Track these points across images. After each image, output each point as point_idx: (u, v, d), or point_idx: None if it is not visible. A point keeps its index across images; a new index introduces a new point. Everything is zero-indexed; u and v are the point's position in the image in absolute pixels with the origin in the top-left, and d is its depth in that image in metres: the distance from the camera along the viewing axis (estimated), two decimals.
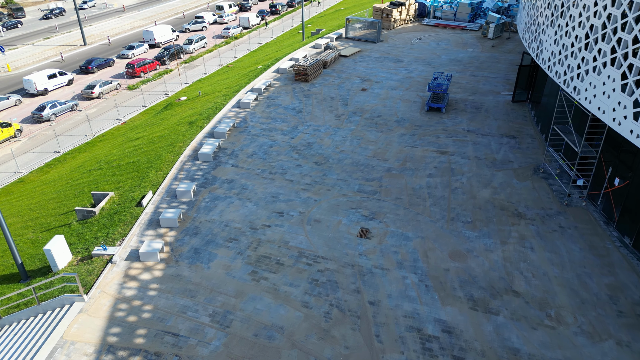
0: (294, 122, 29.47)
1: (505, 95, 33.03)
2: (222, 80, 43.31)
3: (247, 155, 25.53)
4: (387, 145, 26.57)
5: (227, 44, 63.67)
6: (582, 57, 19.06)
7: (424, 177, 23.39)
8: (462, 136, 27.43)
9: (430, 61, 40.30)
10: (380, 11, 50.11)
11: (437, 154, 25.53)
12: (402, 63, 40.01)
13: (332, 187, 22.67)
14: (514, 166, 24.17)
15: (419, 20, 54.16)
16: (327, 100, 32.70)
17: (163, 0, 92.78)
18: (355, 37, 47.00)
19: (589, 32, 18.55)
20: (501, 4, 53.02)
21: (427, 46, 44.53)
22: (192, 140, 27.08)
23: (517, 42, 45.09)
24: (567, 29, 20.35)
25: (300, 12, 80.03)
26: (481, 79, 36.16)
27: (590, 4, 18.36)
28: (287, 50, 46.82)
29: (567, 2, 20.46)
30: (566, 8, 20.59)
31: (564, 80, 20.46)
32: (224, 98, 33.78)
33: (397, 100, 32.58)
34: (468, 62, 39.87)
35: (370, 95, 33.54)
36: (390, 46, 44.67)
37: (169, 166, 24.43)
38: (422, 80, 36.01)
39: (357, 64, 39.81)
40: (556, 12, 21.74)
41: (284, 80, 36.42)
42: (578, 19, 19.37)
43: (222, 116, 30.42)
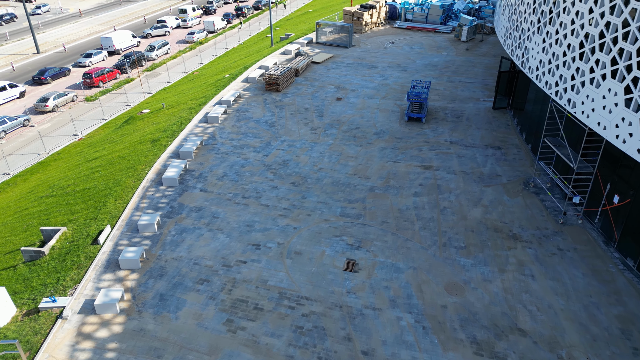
0: (267, 138, 27.43)
1: (485, 102, 31.88)
2: (187, 90, 40.80)
3: (217, 178, 23.36)
4: (368, 161, 24.88)
5: (192, 49, 60.90)
6: (576, 68, 17.80)
7: (409, 197, 21.78)
8: (446, 148, 26.02)
9: (405, 66, 38.92)
10: (350, 14, 48.53)
11: (422, 169, 23.99)
12: (377, 69, 38.48)
13: (312, 212, 20.78)
14: (503, 180, 22.86)
15: (390, 22, 52.87)
16: (302, 112, 30.79)
17: (123, 3, 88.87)
18: (326, 42, 45.24)
19: (583, 41, 17.28)
20: (472, 5, 52.30)
21: (400, 50, 43.18)
22: (155, 162, 24.69)
23: (491, 45, 44.29)
24: (557, 37, 19.09)
25: (267, 15, 77.80)
26: (459, 84, 34.96)
27: (585, 11, 17.09)
28: (255, 56, 44.66)
29: (557, 8, 19.20)
30: (555, 15, 19.33)
31: (556, 91, 19.19)
32: (190, 111, 31.41)
33: (374, 110, 30.97)
34: (444, 67, 38.68)
35: (346, 105, 31.81)
36: (363, 51, 43.11)
37: (130, 193, 22.02)
38: (398, 88, 34.54)
39: (331, 71, 38.05)
40: (543, 18, 20.49)
41: (254, 91, 34.30)
42: (570, 26, 18.11)
43: (188, 132, 28.08)
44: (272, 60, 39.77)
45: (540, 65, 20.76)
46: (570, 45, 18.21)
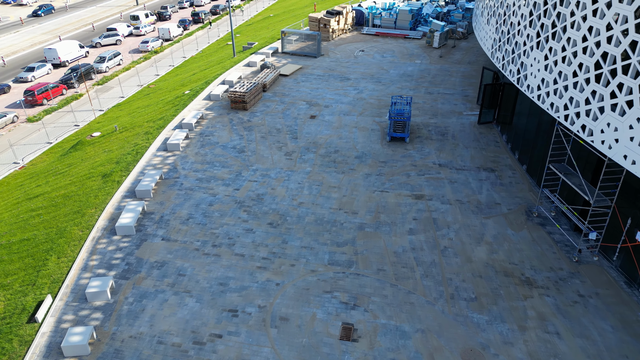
0: (236, 167, 24.36)
1: (469, 115, 29.89)
2: (143, 109, 37.01)
3: (181, 221, 20.13)
4: (352, 192, 22.24)
5: (147, 59, 56.67)
6: (592, 91, 15.74)
7: (404, 235, 19.27)
8: (435, 172, 23.72)
9: (380, 77, 36.59)
10: (317, 21, 45.86)
11: (413, 200, 21.56)
12: (350, 81, 35.96)
13: (296, 260, 17.93)
14: (503, 210, 20.72)
15: (357, 29, 50.55)
16: (273, 133, 27.85)
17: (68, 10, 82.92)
18: (293, 51, 42.38)
19: (600, 61, 15.22)
20: (440, 10, 50.70)
21: (372, 59, 40.86)
22: (107, 204, 21.20)
23: (464, 51, 42.62)
24: (565, 55, 17.01)
25: (226, 20, 74.15)
26: (438, 96, 32.88)
27: (601, 28, 15.02)
28: (217, 69, 41.28)
29: (561, 23, 17.13)
30: (560, 29, 17.26)
31: (566, 115, 17.13)
32: (147, 137, 27.88)
33: (352, 129, 28.39)
34: (419, 77, 36.58)
35: (321, 123, 29.08)
36: (332, 61, 40.52)
37: (76, 248, 18.51)
38: (375, 102, 32.11)
39: (301, 85, 35.23)
40: (544, 32, 18.42)
41: (218, 110, 31.06)
42: (582, 43, 16.04)
43: (145, 164, 24.63)
44: (236, 73, 36.58)
45: (542, 85, 18.68)
46: (582, 65, 16.14)
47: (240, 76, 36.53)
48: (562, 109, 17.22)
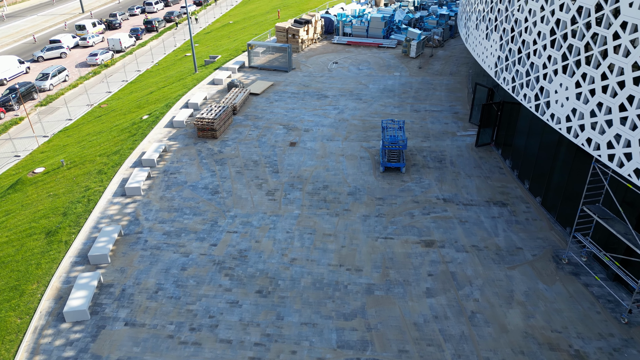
0: (211, 213, 20.65)
1: (464, 136, 27.29)
2: (94, 136, 32.47)
3: (148, 295, 16.31)
4: (352, 240, 19.02)
5: (96, 74, 51.52)
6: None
7: (422, 298, 16.22)
8: (441, 209, 20.84)
9: (359, 94, 33.55)
10: (284, 31, 42.40)
11: (423, 248, 18.56)
12: (328, 99, 32.74)
13: (297, 344, 14.53)
14: (527, 256, 18.03)
15: (327, 38, 47.42)
16: (250, 167, 24.26)
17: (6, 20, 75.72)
18: (261, 65, 38.75)
19: None
20: (412, 16, 48.32)
21: (348, 72, 37.81)
22: (53, 276, 17.07)
23: (443, 60, 40.26)
24: (606, 84, 14.41)
25: (181, 28, 69.41)
26: (426, 114, 30.18)
27: None
28: (177, 87, 37.11)
29: (599, 46, 14.52)
30: (598, 53, 14.65)
31: (611, 155, 14.53)
32: (100, 178, 23.68)
33: (339, 158, 25.19)
34: (402, 92, 33.82)
35: (303, 152, 25.72)
36: (305, 75, 37.19)
37: (13, 345, 14.39)
38: (358, 124, 29.03)
39: (274, 105, 31.71)
40: (574, 55, 15.81)
41: (184, 140, 27.13)
42: (632, 72, 13.45)
43: (99, 215, 20.53)
44: (201, 94, 32.62)
45: (573, 116, 16.06)
46: (633, 99, 13.55)
47: (206, 97, 32.61)
48: (605, 147, 14.62)
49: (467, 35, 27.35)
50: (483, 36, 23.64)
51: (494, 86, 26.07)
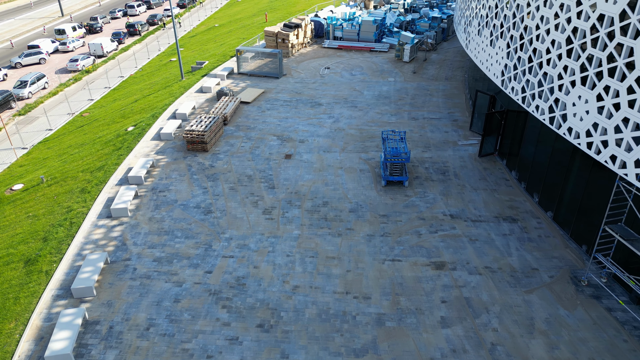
0: (204, 236, 19.26)
1: (466, 146, 26.27)
2: (76, 149, 30.76)
3: (139, 333, 14.87)
4: (357, 263, 17.81)
5: (77, 81, 49.53)
6: None
7: (437, 329, 15.07)
8: (449, 227, 19.75)
9: (354, 101, 32.38)
10: (274, 36, 41.05)
11: (434, 271, 17.43)
12: (322, 107, 31.50)
13: None
14: (544, 278, 17.01)
15: (317, 42, 46.18)
16: (244, 182, 22.90)
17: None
18: (250, 71, 37.34)
19: None
20: (403, 19, 47.34)
21: (340, 78, 36.62)
22: (32, 313, 15.53)
23: (437, 65, 39.31)
24: (634, 97, 13.41)
25: (166, 32, 67.53)
26: (425, 123, 29.12)
27: None
28: (163, 95, 35.51)
29: (626, 57, 13.52)
30: (624, 65, 13.65)
31: (638, 174, 13.54)
32: (83, 198, 22.09)
33: (337, 171, 23.96)
34: (398, 99, 32.73)
35: (299, 165, 24.44)
36: (297, 82, 35.89)
37: None
38: (355, 133, 27.84)
39: (267, 114, 30.36)
40: (594, 66, 14.81)
41: (172, 153, 25.65)
42: None
43: (83, 241, 18.98)
44: (189, 103, 31.10)
45: (594, 131, 15.06)
46: None
47: (194, 106, 31.12)
48: (633, 166, 13.62)
49: (468, 40, 26.34)
50: (487, 43, 22.62)
51: (496, 93, 25.12)
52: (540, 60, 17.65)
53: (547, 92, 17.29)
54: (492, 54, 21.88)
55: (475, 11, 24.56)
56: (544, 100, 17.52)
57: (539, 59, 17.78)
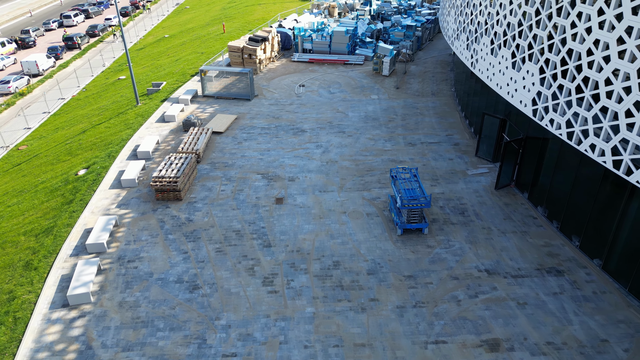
0: (194, 325, 15.14)
1: (477, 176, 23.43)
2: (14, 198, 25.46)
3: None
4: (394, 351, 14.29)
5: (10, 106, 43.21)
6: None
7: None
8: (489, 287, 16.66)
9: (340, 125, 28.93)
10: (239, 51, 36.91)
11: (489, 354, 14.21)
12: (306, 133, 27.83)
13: None
14: (619, 354, 14.16)
15: (285, 55, 42.39)
16: (232, 241, 18.88)
17: None
18: (217, 93, 33.06)
19: None
20: (374, 27, 44.40)
21: (319, 97, 33.07)
22: None
23: (419, 77, 36.56)
24: None
25: (109, 46, 61.35)
26: (424, 148, 26.10)
27: None
28: (117, 125, 30.57)
29: None
30: None
31: None
32: (29, 276, 17.30)
33: (341, 217, 20.42)
34: (387, 120, 29.58)
35: (295, 211, 20.69)
36: (272, 103, 32.00)
37: None
38: (351, 166, 24.41)
39: (244, 145, 26.33)
40: None
41: (138, 205, 21.18)
42: None
43: (32, 347, 14.35)
44: (151, 138, 26.51)
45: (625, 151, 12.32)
46: None
47: (158, 141, 26.59)
48: None
49: (475, 59, 23.47)
50: (507, 65, 19.76)
51: (507, 115, 22.45)
52: (595, 91, 14.84)
53: (609, 131, 14.49)
54: (517, 79, 19.02)
55: (486, 27, 21.71)
56: (604, 139, 14.73)
57: (592, 90, 14.98)
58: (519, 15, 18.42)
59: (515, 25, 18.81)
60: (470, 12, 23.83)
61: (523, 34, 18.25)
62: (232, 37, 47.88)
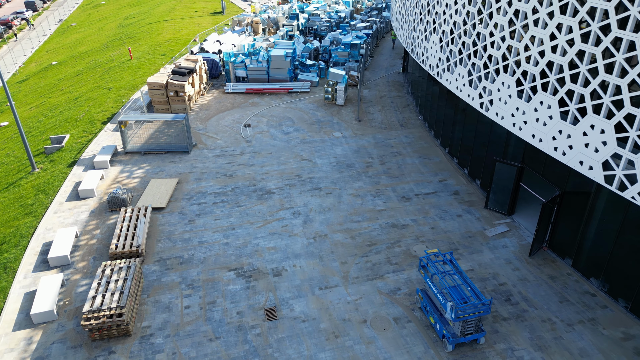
0: None
1: (498, 237, 19.35)
2: None
3: None
4: None
5: None
6: None
7: None
8: None
9: (313, 178, 23.50)
10: (162, 89, 29.86)
11: None
12: (274, 196, 22.03)
13: None
14: None
15: (214, 84, 35.85)
16: None
17: None
18: (145, 147, 25.94)
19: None
20: (311, 47, 39.39)
21: (273, 141, 27.32)
22: None
23: (379, 105, 32.15)
24: None
25: None
26: (423, 204, 21.57)
27: None
28: (12, 212, 22.27)
29: None
30: None
31: None
32: None
33: (363, 330, 15.10)
34: (365, 166, 24.71)
35: (298, 330, 14.96)
36: (218, 155, 25.66)
37: None
38: (346, 240, 19.15)
39: (199, 224, 19.90)
40: None
41: (63, 354, 14.07)
42: None
43: None
44: (66, 231, 19.01)
45: None
46: None
47: (77, 233, 19.17)
48: None
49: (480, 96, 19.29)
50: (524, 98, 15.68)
51: (522, 162, 18.67)
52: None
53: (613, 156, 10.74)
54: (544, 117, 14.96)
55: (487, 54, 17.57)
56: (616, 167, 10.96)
57: None
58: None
59: (543, 66, 14.78)
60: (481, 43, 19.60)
61: (554, 67, 14.25)
62: (142, 65, 40.10)
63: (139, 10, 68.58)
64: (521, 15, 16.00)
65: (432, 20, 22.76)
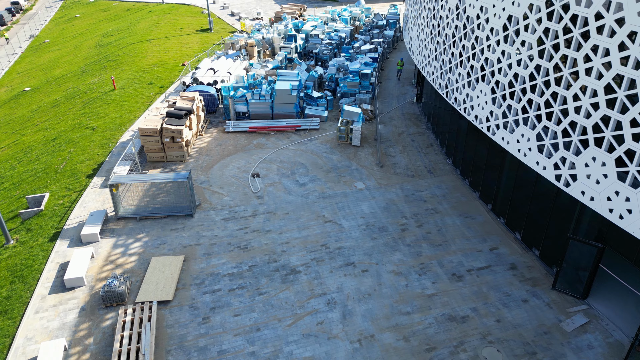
0: None
1: (579, 333, 16.21)
2: None
3: None
4: None
5: None
6: None
7: None
8: None
9: (341, 250, 20.01)
10: (156, 135, 25.99)
11: None
12: (300, 277, 18.46)
13: None
14: None
15: (211, 121, 32.06)
16: None
17: None
18: (139, 212, 22.04)
19: None
20: (315, 75, 35.91)
21: (288, 196, 23.77)
22: None
23: (400, 146, 28.84)
24: None
25: None
26: (479, 284, 18.30)
27: None
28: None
29: None
30: None
31: None
32: None
33: None
34: (399, 229, 21.32)
35: None
36: (226, 218, 21.95)
37: None
38: (398, 342, 15.72)
39: (215, 324, 16.19)
40: None
41: None
42: None
43: None
44: (50, 344, 15.07)
45: None
46: None
47: (65, 347, 15.23)
48: None
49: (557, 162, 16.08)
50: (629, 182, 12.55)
51: (604, 240, 15.59)
52: None
53: None
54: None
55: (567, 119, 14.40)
56: None
57: None
58: None
59: None
60: None
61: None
62: (128, 98, 35.98)
63: (117, 26, 63.98)
64: (626, 81, 12.85)
65: (479, 67, 19.55)
